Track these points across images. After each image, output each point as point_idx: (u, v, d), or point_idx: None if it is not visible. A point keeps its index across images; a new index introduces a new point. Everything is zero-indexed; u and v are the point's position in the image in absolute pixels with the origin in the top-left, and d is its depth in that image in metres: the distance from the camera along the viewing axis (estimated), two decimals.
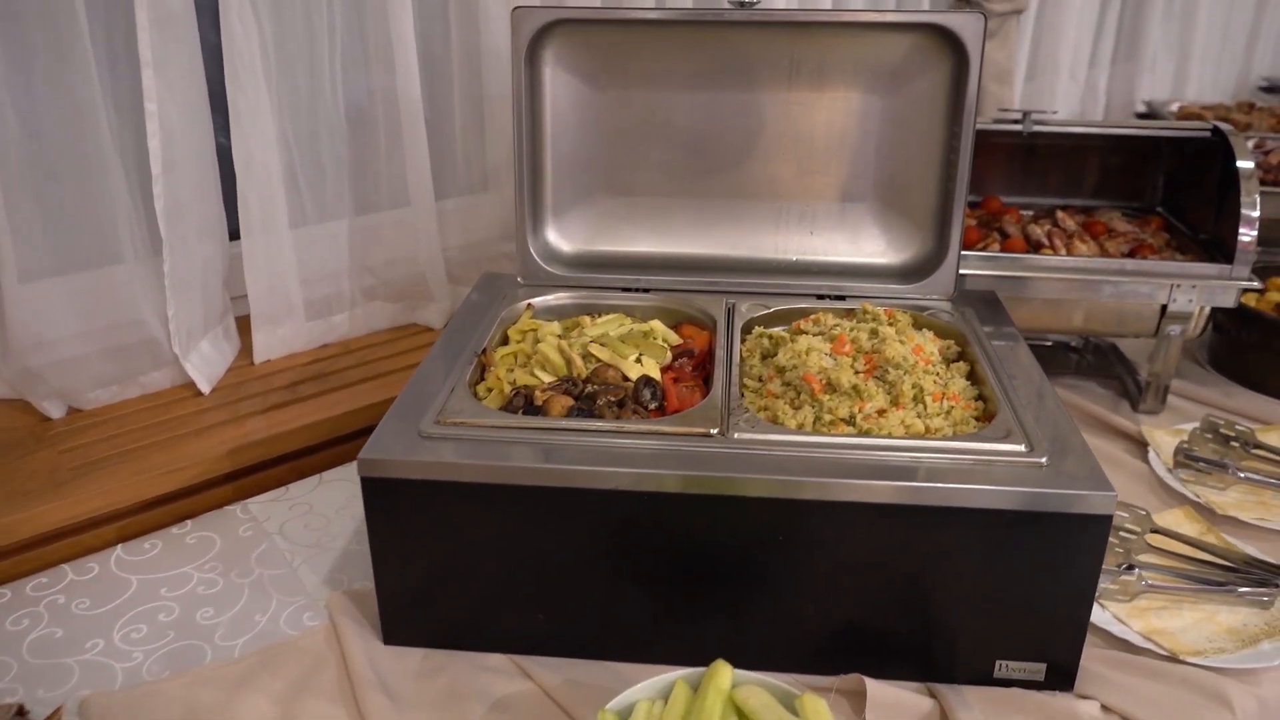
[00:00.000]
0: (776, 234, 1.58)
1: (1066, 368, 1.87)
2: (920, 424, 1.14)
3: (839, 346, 1.28)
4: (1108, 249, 1.73)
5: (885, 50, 1.46)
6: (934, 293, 1.48)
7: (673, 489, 1.06)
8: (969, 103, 1.41)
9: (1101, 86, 3.05)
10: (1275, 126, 2.48)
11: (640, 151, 1.56)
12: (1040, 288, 1.61)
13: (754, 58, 1.49)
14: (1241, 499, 1.45)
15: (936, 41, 1.42)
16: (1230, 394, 1.75)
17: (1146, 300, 1.61)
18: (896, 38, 1.44)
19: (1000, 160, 1.97)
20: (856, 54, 1.47)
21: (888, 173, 1.54)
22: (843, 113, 1.51)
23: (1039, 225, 1.77)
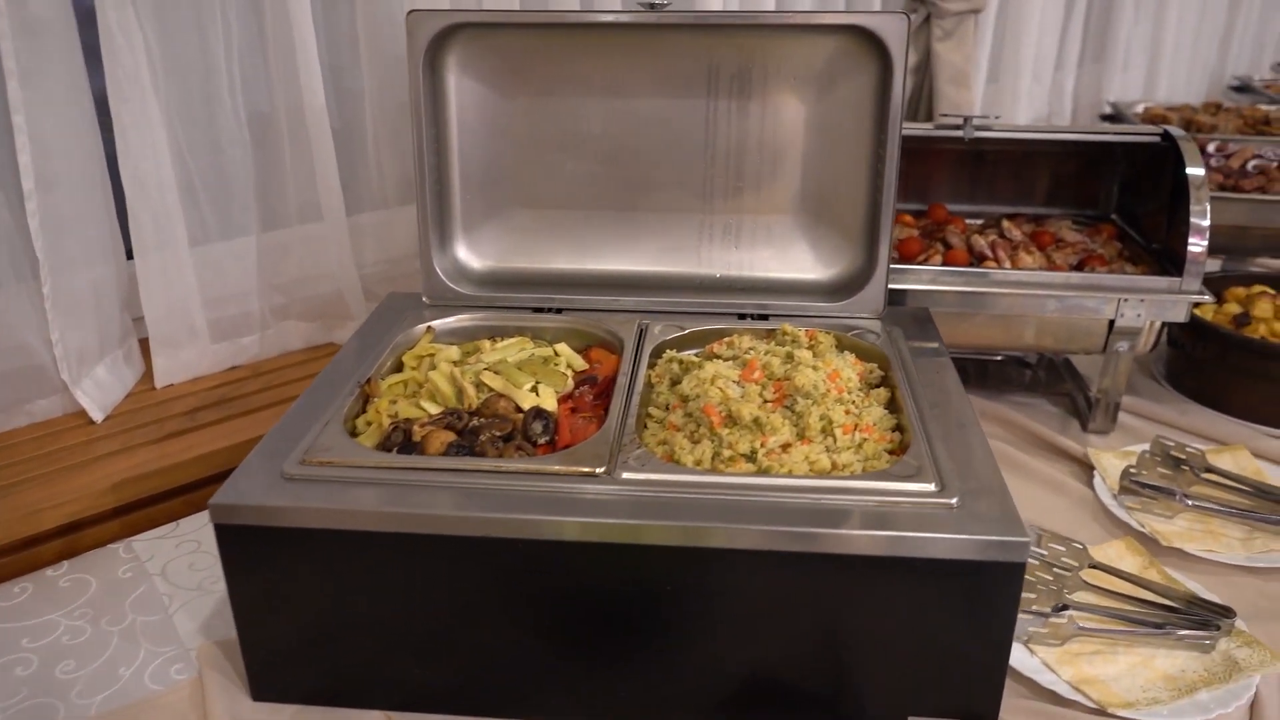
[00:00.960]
0: (700, 249, 1.49)
1: (1017, 384, 1.78)
2: (826, 460, 1.05)
3: (748, 373, 1.19)
4: (1055, 260, 1.65)
5: (807, 54, 1.38)
6: (862, 311, 1.40)
7: (549, 535, 0.97)
8: (894, 108, 1.33)
9: (1069, 88, 2.97)
10: (1242, 128, 2.39)
11: (555, 162, 1.47)
12: (980, 303, 1.52)
13: (671, 63, 1.41)
14: (1189, 528, 1.36)
15: (859, 44, 1.33)
16: (1186, 412, 1.67)
17: (1093, 315, 1.52)
18: (817, 40, 1.36)
19: (947, 167, 1.88)
20: (778, 58, 1.39)
21: (816, 183, 1.45)
22: (767, 120, 1.43)
23: (983, 236, 1.69)
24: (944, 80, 2.35)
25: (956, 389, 1.21)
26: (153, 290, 1.55)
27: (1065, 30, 2.87)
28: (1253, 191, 1.89)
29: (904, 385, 1.20)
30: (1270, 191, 1.89)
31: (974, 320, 1.56)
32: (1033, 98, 2.82)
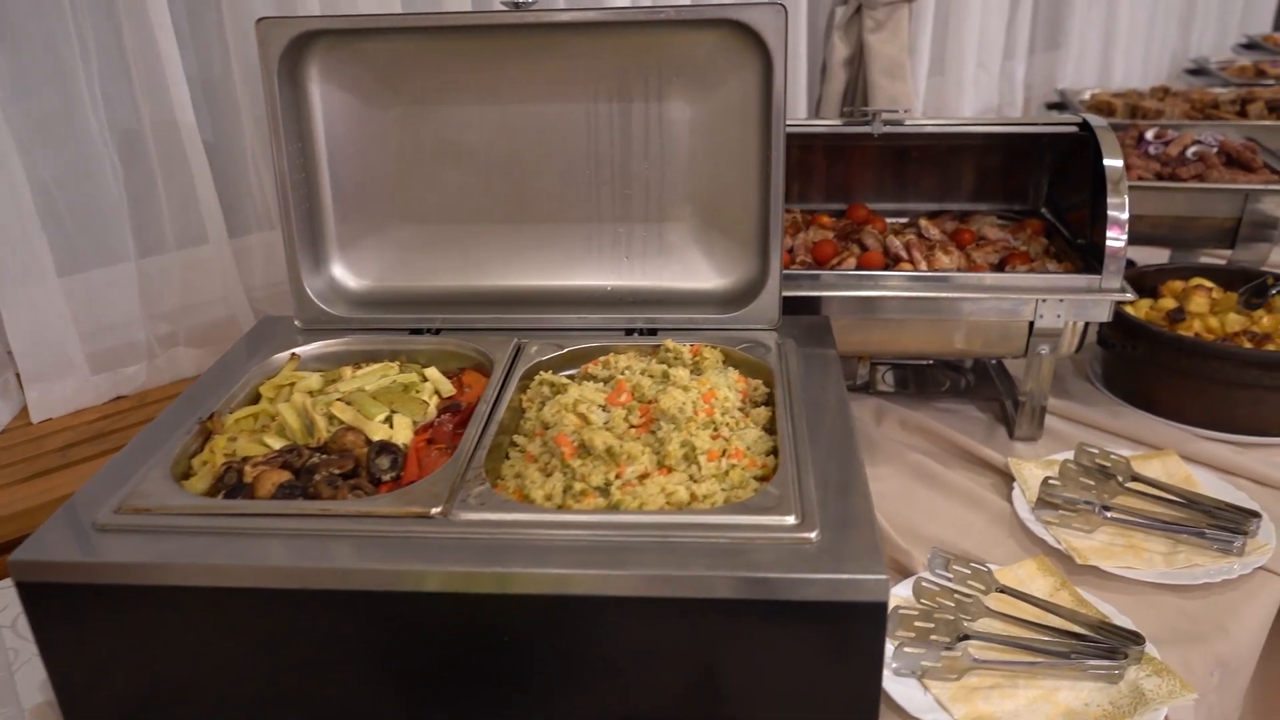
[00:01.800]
0: (589, 260, 1.41)
1: (946, 388, 1.70)
2: (684, 492, 0.97)
3: (614, 396, 1.11)
4: (975, 260, 1.56)
5: (687, 51, 1.29)
6: (757, 322, 1.31)
7: (376, 586, 0.89)
8: (776, 105, 1.24)
9: (1019, 77, 2.88)
10: (1189, 113, 2.31)
11: (435, 174, 1.39)
12: (890, 308, 1.43)
13: (548, 66, 1.33)
14: (1109, 543, 1.28)
15: (739, 39, 1.25)
16: (1119, 415, 1.58)
17: (1012, 317, 1.44)
18: (695, 36, 1.28)
19: (870, 165, 1.80)
20: (657, 57, 1.30)
21: (707, 188, 1.37)
22: (652, 123, 1.34)
23: (901, 236, 1.60)
24: (878, 73, 2.26)
25: (842, 407, 1.13)
26: (19, 323, 1.47)
27: (1014, 17, 2.79)
28: (1190, 180, 1.80)
29: (784, 404, 1.11)
30: (1208, 180, 1.80)
31: (887, 326, 1.47)
32: (980, 88, 2.73)
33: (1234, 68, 2.86)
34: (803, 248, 1.62)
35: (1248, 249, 1.81)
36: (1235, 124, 2.20)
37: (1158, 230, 1.88)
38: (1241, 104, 2.29)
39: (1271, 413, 1.48)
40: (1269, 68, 2.79)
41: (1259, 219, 1.78)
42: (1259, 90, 2.33)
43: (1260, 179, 1.79)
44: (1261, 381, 1.45)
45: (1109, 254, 1.40)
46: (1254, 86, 2.50)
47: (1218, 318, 1.60)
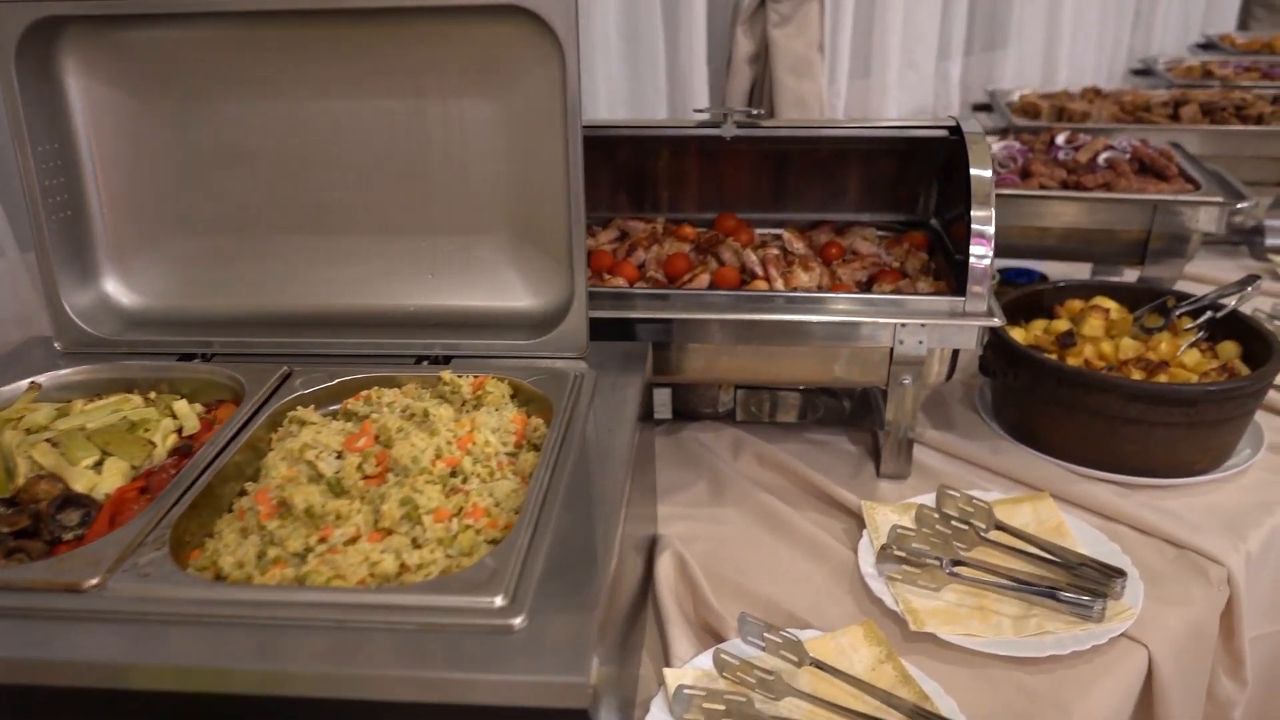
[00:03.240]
0: (390, 277, 1.26)
1: (819, 416, 1.55)
2: (393, 561, 0.82)
3: (353, 440, 0.96)
4: (840, 277, 1.41)
5: (482, 43, 1.14)
6: (562, 349, 1.16)
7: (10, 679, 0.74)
8: (571, 102, 1.09)
9: (955, 77, 2.73)
10: (1118, 116, 2.15)
11: (215, 180, 1.24)
12: (720, 333, 1.28)
13: (333, 59, 1.17)
14: (956, 604, 1.12)
15: (534, 29, 1.09)
16: (999, 450, 1.43)
17: (870, 343, 1.29)
18: (486, 26, 1.12)
19: (746, 170, 1.64)
20: (450, 50, 1.15)
21: (517, 197, 1.22)
22: (453, 124, 1.19)
23: (762, 250, 1.45)
24: (783, 70, 2.11)
25: (625, 454, 0.98)
26: None
27: (948, 15, 2.63)
28: (1096, 189, 1.65)
29: (551, 451, 0.96)
30: (1116, 189, 1.65)
31: (736, 352, 1.32)
32: (911, 89, 2.58)
33: (1180, 68, 2.70)
34: (655, 262, 1.47)
35: (1160, 265, 1.66)
36: (1165, 128, 2.05)
37: (1069, 243, 1.72)
38: (1175, 107, 2.14)
39: (1161, 451, 1.33)
40: (1217, 69, 2.64)
41: (1170, 232, 1.62)
42: (1193, 93, 2.17)
43: (1172, 189, 1.64)
44: (1148, 417, 1.30)
45: (973, 274, 1.24)
46: (1191, 89, 2.35)
47: (1112, 342, 1.44)
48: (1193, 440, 1.32)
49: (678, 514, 1.32)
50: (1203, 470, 1.35)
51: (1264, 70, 2.65)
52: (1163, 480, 1.34)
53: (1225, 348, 1.45)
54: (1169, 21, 3.40)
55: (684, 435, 1.49)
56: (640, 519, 1.15)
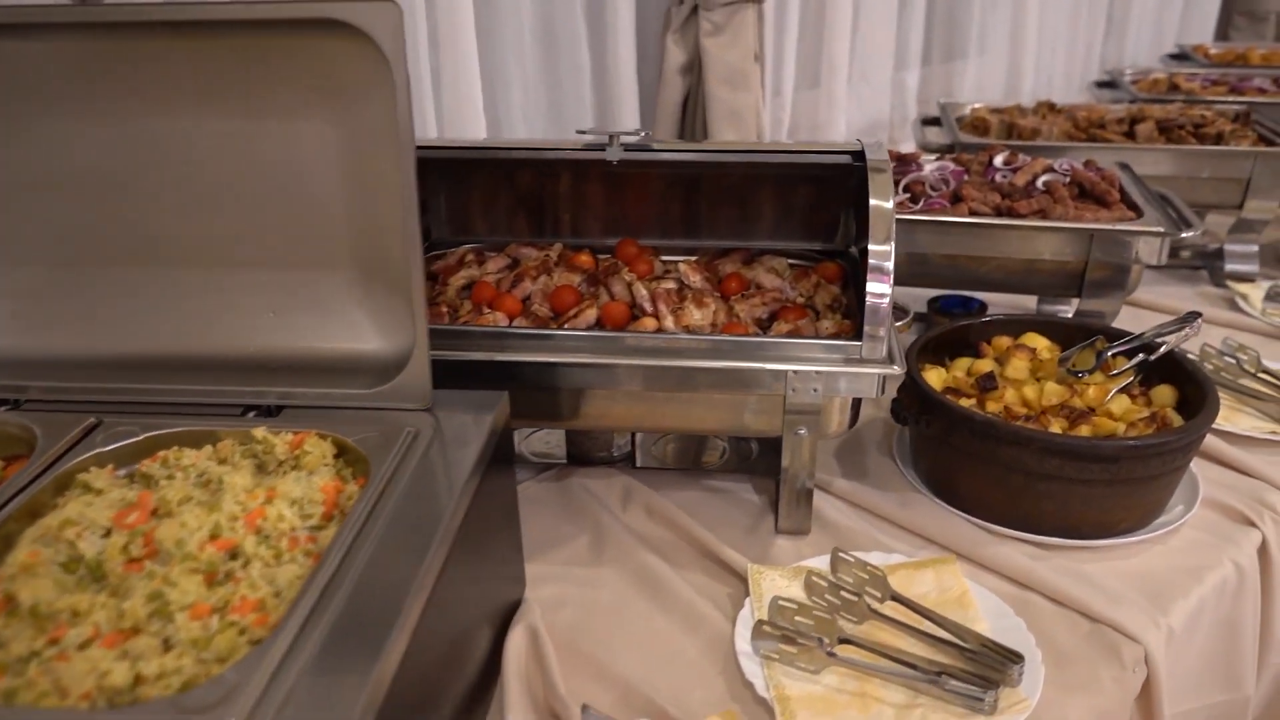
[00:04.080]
0: (227, 315, 1.14)
1: (723, 460, 1.43)
2: (127, 670, 0.70)
3: (123, 516, 0.84)
4: (738, 314, 1.30)
5: (312, 60, 1.02)
6: (404, 399, 1.05)
7: None
8: (402, 123, 0.98)
9: (912, 87, 2.61)
10: (1071, 133, 2.03)
11: (38, 207, 1.12)
12: (590, 377, 1.17)
13: (154, 75, 1.06)
14: (835, 690, 1.01)
15: (362, 45, 0.97)
16: (909, 504, 1.31)
17: (758, 392, 1.17)
18: (313, 41, 1.00)
19: (655, 193, 1.52)
20: (281, 67, 1.03)
21: (362, 229, 1.10)
22: (292, 148, 1.07)
23: (656, 283, 1.34)
24: (716, 82, 2.00)
25: (447, 527, 0.86)
26: None
27: (903, 22, 2.51)
28: (1030, 215, 1.53)
29: (352, 524, 0.84)
30: (1051, 215, 1.53)
31: (615, 398, 1.21)
32: (864, 101, 2.46)
33: (1145, 81, 2.58)
34: (542, 294, 1.35)
35: (1099, 298, 1.54)
36: (1118, 147, 1.93)
37: (1004, 274, 1.60)
38: (1131, 124, 2.02)
39: (1081, 510, 1.21)
40: (1183, 82, 2.52)
41: (1108, 263, 1.50)
42: (1150, 109, 2.06)
43: (1111, 216, 1.52)
44: (1064, 473, 1.18)
45: (870, 315, 1.13)
46: (1152, 103, 2.23)
47: (1037, 386, 1.33)
48: (1115, 499, 1.21)
49: (551, 574, 1.20)
50: (1128, 530, 1.23)
51: (1232, 84, 2.53)
52: (1083, 542, 1.22)
53: (1160, 393, 1.33)
54: (1142, 31, 3.29)
55: (573, 482, 1.38)
56: (483, 590, 1.04)
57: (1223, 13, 3.88)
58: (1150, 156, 1.91)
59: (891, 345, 1.16)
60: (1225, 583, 1.20)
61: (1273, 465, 1.37)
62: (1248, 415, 1.51)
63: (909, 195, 1.62)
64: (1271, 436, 1.44)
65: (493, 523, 1.06)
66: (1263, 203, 1.91)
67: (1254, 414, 1.51)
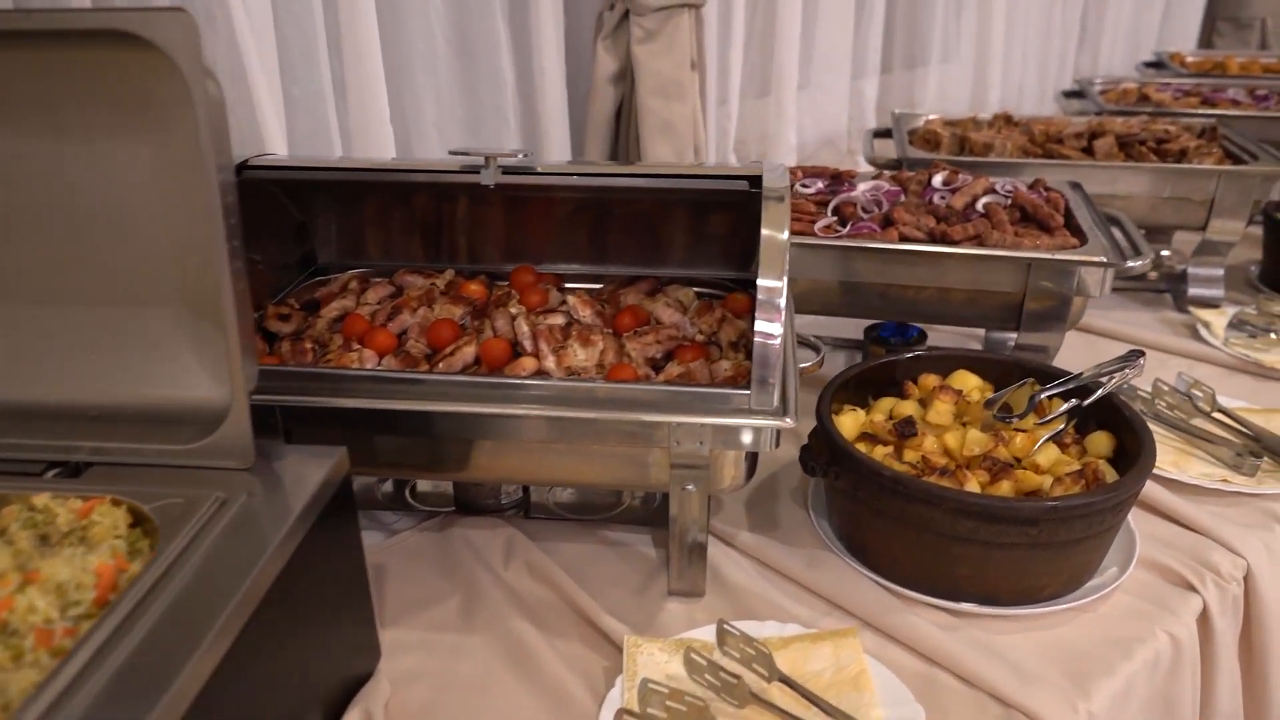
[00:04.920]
0: (41, 358, 1.02)
1: (621, 509, 1.31)
2: None
3: None
4: (629, 352, 1.18)
5: (114, 75, 0.91)
6: (225, 456, 0.93)
7: None
8: (204, 145, 0.86)
9: (871, 96, 2.49)
10: (1027, 148, 1.92)
11: None
12: (477, 427, 1.05)
13: None
14: None
15: (159, 59, 0.86)
16: (817, 564, 1.19)
17: (639, 445, 1.05)
18: (111, 54, 0.89)
19: (559, 218, 1.41)
20: (81, 81, 0.92)
21: (187, 261, 0.99)
22: (104, 171, 0.96)
23: (545, 318, 1.22)
24: (648, 92, 1.88)
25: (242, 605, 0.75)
26: None
27: (861, 29, 2.40)
28: (965, 242, 1.41)
29: (117, 612, 0.73)
30: (988, 242, 1.41)
31: (479, 448, 1.09)
32: (817, 109, 2.35)
33: (1115, 91, 2.46)
34: (420, 328, 1.24)
35: (1039, 332, 1.42)
36: (1074, 164, 1.81)
37: (945, 305, 1.48)
38: (1090, 138, 1.90)
39: (999, 575, 1.09)
40: (1153, 93, 2.40)
41: (1045, 295, 1.39)
42: (1110, 122, 1.94)
43: (1051, 244, 1.40)
44: (979, 536, 1.06)
45: (760, 360, 1.01)
46: (1117, 115, 2.11)
47: (960, 434, 1.21)
48: (1037, 563, 1.09)
49: (412, 642, 1.09)
50: (1052, 596, 1.12)
51: (1205, 95, 2.41)
52: (1002, 610, 1.10)
53: (1095, 441, 1.22)
54: (1119, 38, 3.17)
55: (456, 533, 1.26)
56: (309, 670, 0.92)
57: (1206, 20, 3.76)
58: (1107, 175, 1.79)
59: (787, 392, 1.04)
60: (1158, 658, 1.08)
61: (1220, 519, 1.26)
62: (1199, 460, 1.39)
63: (838, 218, 1.50)
64: (1222, 486, 1.32)
65: (323, 593, 0.94)
66: (1227, 223, 1.80)
67: (1206, 459, 1.39)
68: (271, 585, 0.81)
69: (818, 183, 1.59)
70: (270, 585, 0.81)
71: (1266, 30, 3.73)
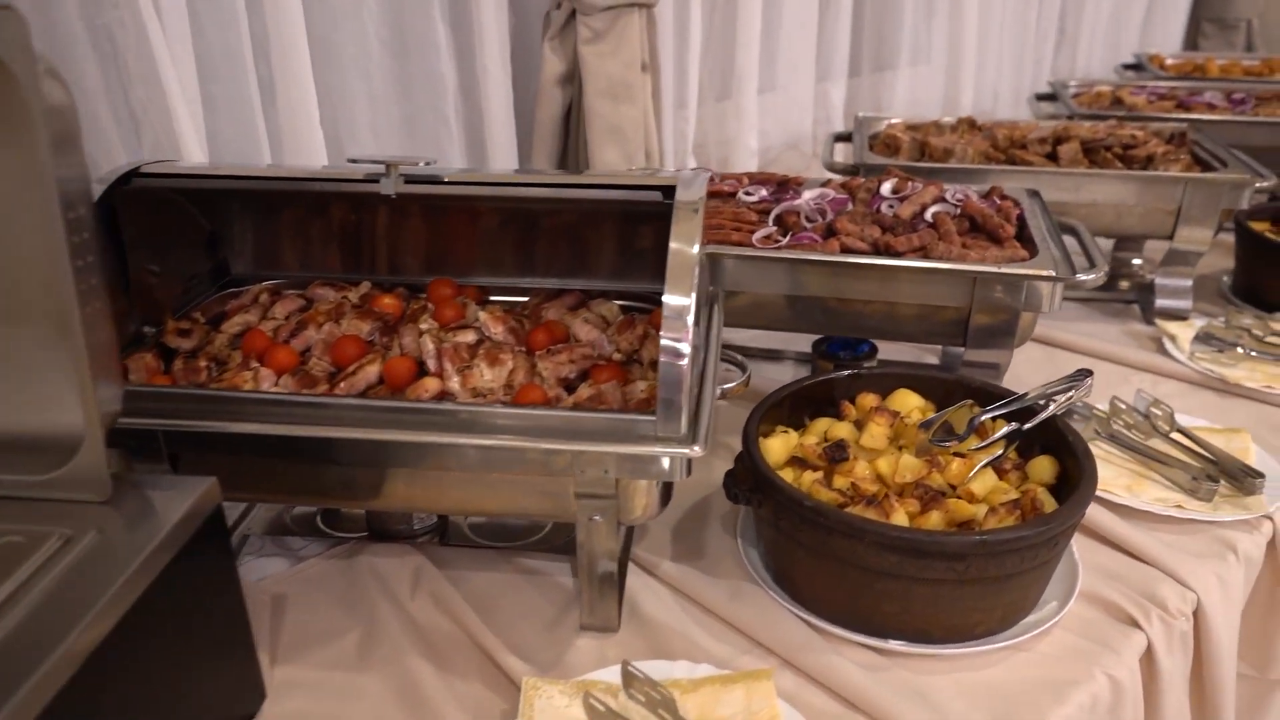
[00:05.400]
0: None
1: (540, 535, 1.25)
2: None
3: None
4: (541, 373, 1.11)
5: None
6: (79, 488, 0.86)
7: None
8: (42, 158, 0.79)
9: (838, 100, 2.42)
10: (990, 154, 1.85)
11: None
12: (339, 453, 0.99)
13: None
14: None
15: None
16: (740, 596, 1.12)
17: (544, 473, 0.98)
18: None
19: (484, 228, 1.35)
20: None
21: (50, 279, 0.92)
22: None
23: (453, 335, 1.15)
24: (596, 95, 1.82)
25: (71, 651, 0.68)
26: None
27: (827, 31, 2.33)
28: (909, 254, 1.34)
29: None
30: (933, 254, 1.34)
31: (374, 475, 1.02)
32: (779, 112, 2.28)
33: (1090, 94, 2.40)
34: (324, 345, 1.17)
35: (986, 349, 1.36)
36: (1036, 170, 1.74)
37: (890, 320, 1.41)
38: (1055, 144, 1.83)
39: (928, 612, 1.03)
40: (1128, 95, 2.33)
41: (992, 310, 1.32)
42: (1076, 127, 1.87)
43: (999, 256, 1.33)
44: (904, 571, 0.99)
45: (665, 382, 0.94)
46: (1090, 119, 2.04)
47: (893, 458, 1.14)
48: (967, 600, 1.02)
49: (304, 681, 1.02)
50: (986, 634, 1.05)
51: (1181, 99, 2.34)
52: (931, 648, 1.03)
53: (1038, 467, 1.15)
54: (1098, 40, 3.10)
55: (363, 561, 1.19)
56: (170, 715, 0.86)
57: (1191, 20, 3.69)
58: (1070, 181, 1.73)
59: (700, 416, 0.98)
60: (1095, 702, 1.01)
61: (1170, 549, 1.19)
62: (1154, 484, 1.32)
63: (779, 227, 1.44)
64: (1175, 513, 1.25)
65: (189, 634, 0.88)
66: (1195, 232, 1.73)
67: (1161, 483, 1.32)
68: (114, 630, 0.75)
69: (762, 190, 1.52)
70: (112, 630, 0.75)
71: (1252, 31, 3.66)
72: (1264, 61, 2.77)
